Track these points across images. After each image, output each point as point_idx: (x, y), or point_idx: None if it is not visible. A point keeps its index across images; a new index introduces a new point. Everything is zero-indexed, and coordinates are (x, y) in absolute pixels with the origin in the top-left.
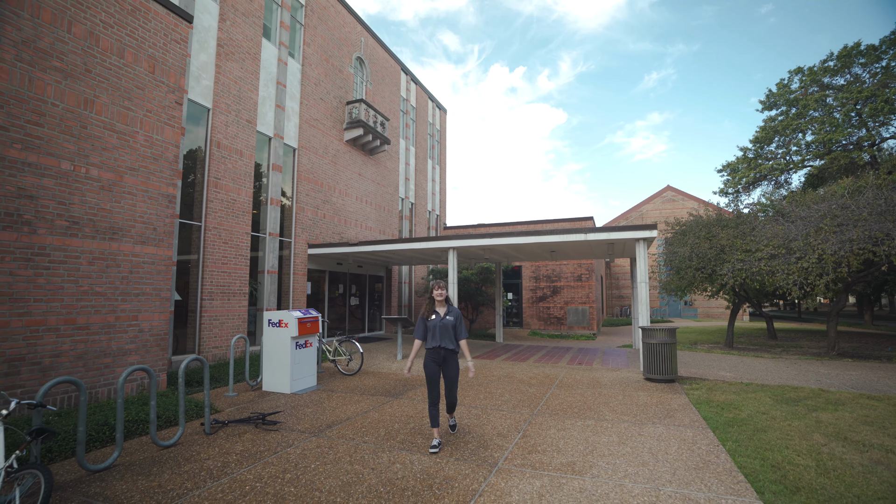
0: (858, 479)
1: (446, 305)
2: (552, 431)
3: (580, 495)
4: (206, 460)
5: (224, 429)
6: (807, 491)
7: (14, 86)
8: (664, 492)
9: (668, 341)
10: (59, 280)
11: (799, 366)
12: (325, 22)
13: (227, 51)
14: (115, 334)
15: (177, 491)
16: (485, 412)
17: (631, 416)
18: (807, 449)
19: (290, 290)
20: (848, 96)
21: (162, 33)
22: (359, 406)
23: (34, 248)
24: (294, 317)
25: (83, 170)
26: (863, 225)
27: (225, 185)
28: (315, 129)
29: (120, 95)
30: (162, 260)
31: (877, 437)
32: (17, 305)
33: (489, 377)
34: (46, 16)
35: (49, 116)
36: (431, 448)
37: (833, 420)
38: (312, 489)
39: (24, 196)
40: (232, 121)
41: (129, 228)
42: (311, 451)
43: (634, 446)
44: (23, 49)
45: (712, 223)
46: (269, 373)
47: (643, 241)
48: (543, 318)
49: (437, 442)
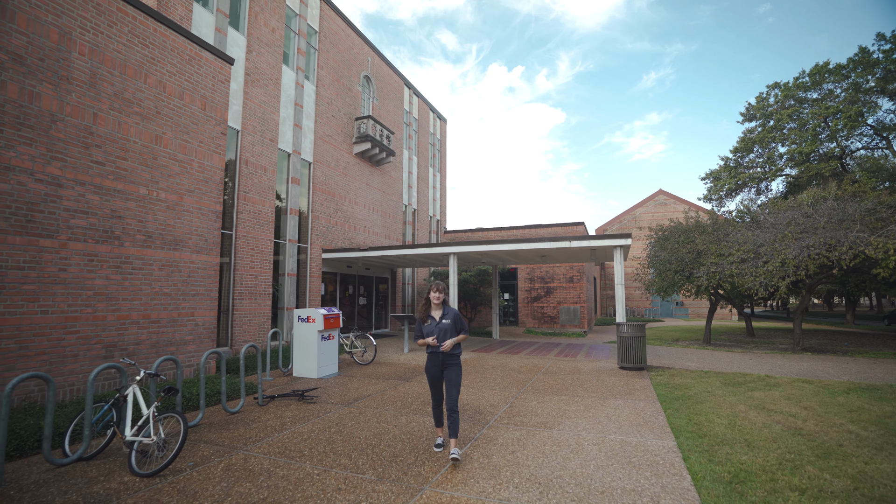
0: (753, 431)
1: (443, 308)
2: (533, 403)
3: (547, 440)
4: (267, 421)
5: (272, 402)
6: (711, 436)
7: (108, 129)
8: (608, 438)
9: (638, 335)
10: (139, 283)
11: (761, 358)
12: (336, 45)
13: (253, 78)
14: (177, 327)
15: (254, 438)
16: (481, 391)
17: (599, 393)
18: (727, 414)
19: (307, 290)
20: (817, 112)
21: (211, 76)
22: (377, 386)
23: (122, 258)
24: (320, 314)
25: (154, 193)
26: (820, 233)
27: (252, 198)
28: (328, 144)
29: (180, 131)
30: (211, 266)
31: (789, 407)
32: (111, 303)
33: (485, 367)
34: (130, 71)
35: (132, 152)
36: (436, 447)
37: (762, 397)
38: (353, 437)
39: (115, 216)
40: (257, 140)
41: (187, 240)
42: (346, 415)
43: (595, 412)
44: (114, 100)
45: (691, 229)
46: (299, 361)
47: (619, 247)
48: (538, 317)
49: (441, 441)
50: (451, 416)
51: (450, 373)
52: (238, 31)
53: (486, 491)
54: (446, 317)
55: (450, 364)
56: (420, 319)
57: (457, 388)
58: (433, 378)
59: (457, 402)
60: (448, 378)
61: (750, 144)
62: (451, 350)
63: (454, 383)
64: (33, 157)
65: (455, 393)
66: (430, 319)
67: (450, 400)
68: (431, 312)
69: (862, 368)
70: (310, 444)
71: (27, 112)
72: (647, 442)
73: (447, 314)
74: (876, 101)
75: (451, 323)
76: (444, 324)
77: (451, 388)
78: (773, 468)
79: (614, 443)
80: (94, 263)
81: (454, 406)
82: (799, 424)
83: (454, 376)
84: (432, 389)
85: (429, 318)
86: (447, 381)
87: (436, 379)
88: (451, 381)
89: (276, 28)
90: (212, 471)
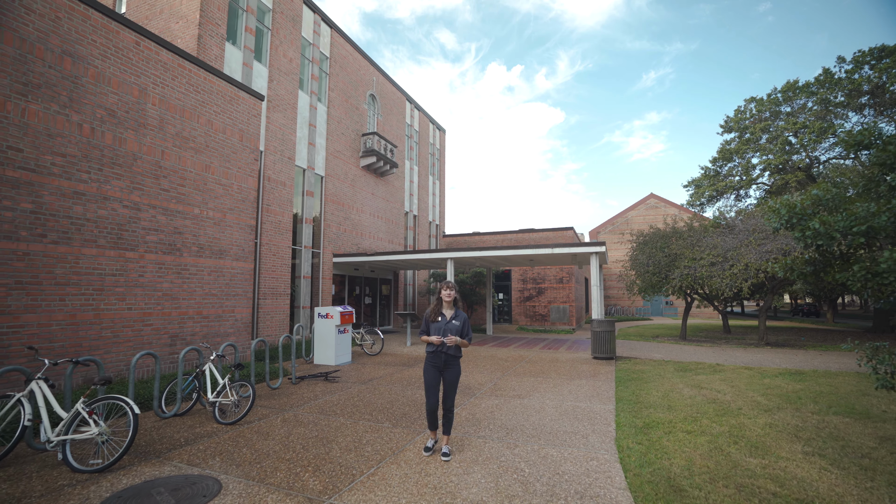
0: (679, 400)
1: (454, 308)
2: (512, 382)
3: (518, 405)
4: (303, 394)
5: (303, 381)
6: (643, 403)
7: (171, 163)
8: (565, 403)
9: (608, 329)
10: (194, 286)
11: (723, 351)
12: (344, 69)
13: (274, 104)
14: (222, 321)
15: (297, 404)
16: (471, 374)
17: (568, 376)
18: (665, 389)
19: (320, 291)
20: (786, 126)
21: (246, 111)
22: (385, 371)
23: (182, 265)
24: (337, 311)
25: (205, 212)
26: (780, 240)
27: (273, 210)
28: (338, 159)
29: (224, 159)
30: (247, 271)
31: (719, 386)
32: (174, 302)
33: (477, 357)
34: (187, 114)
35: (188, 180)
36: (425, 450)
37: (702, 379)
38: (371, 403)
39: (176, 232)
40: (278, 159)
41: (229, 250)
42: (363, 390)
43: (561, 389)
44: (176, 139)
45: (669, 235)
46: (319, 351)
47: (595, 254)
48: (530, 316)
49: (432, 443)
50: (447, 414)
51: (450, 374)
52: (261, 63)
53: (469, 433)
54: (457, 318)
55: (451, 365)
56: (429, 317)
57: (455, 389)
58: (431, 380)
59: (454, 402)
60: (447, 379)
61: (728, 155)
62: (453, 353)
63: (453, 385)
64: (121, 189)
65: (453, 394)
66: (440, 317)
67: (447, 400)
68: (443, 310)
69: (804, 359)
70: (340, 407)
71: (117, 153)
72: (593, 406)
73: (458, 316)
74: (847, 114)
75: (461, 325)
76: (452, 325)
77: (450, 390)
78: (677, 421)
79: (568, 407)
80: (162, 270)
81: (451, 406)
82: (718, 397)
83: (454, 377)
84: (428, 392)
85: (440, 315)
86: (446, 382)
87: (434, 382)
88: (451, 382)
89: (293, 58)
90: (273, 422)
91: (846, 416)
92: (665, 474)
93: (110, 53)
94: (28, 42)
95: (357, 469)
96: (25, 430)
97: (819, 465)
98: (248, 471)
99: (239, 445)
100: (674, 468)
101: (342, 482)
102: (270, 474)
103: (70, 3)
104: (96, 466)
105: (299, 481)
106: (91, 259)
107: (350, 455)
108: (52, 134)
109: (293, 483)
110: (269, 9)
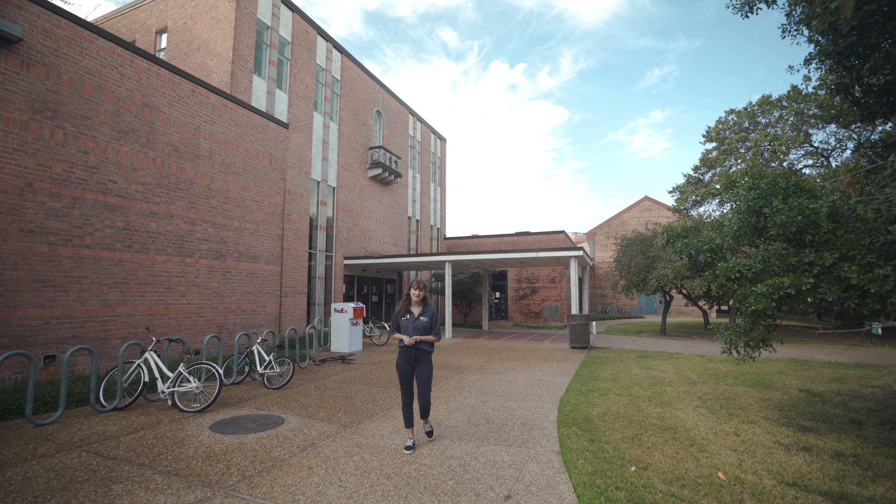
0: (625, 377)
1: (422, 305)
2: (496, 364)
3: (496, 379)
4: (326, 371)
5: (324, 363)
6: (595, 378)
7: (218, 185)
8: (533, 378)
9: (583, 323)
10: (235, 285)
11: (692, 344)
12: (353, 89)
13: (293, 126)
14: (256, 315)
15: (323, 378)
16: (462, 359)
17: (543, 360)
18: (618, 369)
19: (332, 289)
20: (760, 138)
21: (274, 138)
22: (391, 356)
23: (226, 269)
24: (350, 306)
25: (243, 225)
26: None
27: (293, 219)
28: (348, 171)
29: (257, 180)
30: (276, 273)
31: (667, 368)
32: (221, 298)
33: (470, 347)
34: (229, 145)
35: (230, 198)
36: (406, 449)
37: (656, 363)
38: (381, 377)
39: (222, 242)
40: (296, 174)
41: (261, 256)
42: (374, 369)
43: (533, 369)
44: (221, 165)
45: (649, 238)
46: (335, 340)
47: (574, 258)
48: (525, 313)
49: (412, 443)
50: (424, 406)
51: (422, 370)
52: (282, 90)
53: (454, 395)
54: (424, 314)
55: (422, 361)
56: (398, 313)
57: (429, 385)
58: (404, 375)
59: (430, 399)
60: (420, 375)
61: (709, 163)
62: (424, 347)
63: (426, 381)
64: (182, 208)
65: (427, 390)
66: (408, 314)
67: (422, 397)
68: (411, 308)
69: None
70: (357, 379)
71: (179, 180)
72: (554, 380)
73: (426, 312)
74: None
75: (428, 321)
76: (420, 321)
77: (423, 386)
78: (614, 389)
79: (535, 379)
80: (211, 273)
81: (427, 401)
82: (659, 375)
83: (426, 374)
84: (403, 387)
85: (408, 313)
86: (419, 378)
87: (407, 376)
88: (423, 378)
89: (309, 83)
90: (308, 388)
91: (750, 387)
92: (585, 415)
93: (174, 101)
94: (121, 99)
95: (373, 412)
96: (145, 386)
97: (700, 412)
98: (299, 412)
99: (287, 399)
100: (594, 412)
101: (364, 418)
102: (314, 413)
103: (148, 66)
104: (196, 409)
105: (335, 417)
106: (162, 264)
107: (368, 405)
108: (136, 168)
109: (331, 418)
110: (288, 41)
